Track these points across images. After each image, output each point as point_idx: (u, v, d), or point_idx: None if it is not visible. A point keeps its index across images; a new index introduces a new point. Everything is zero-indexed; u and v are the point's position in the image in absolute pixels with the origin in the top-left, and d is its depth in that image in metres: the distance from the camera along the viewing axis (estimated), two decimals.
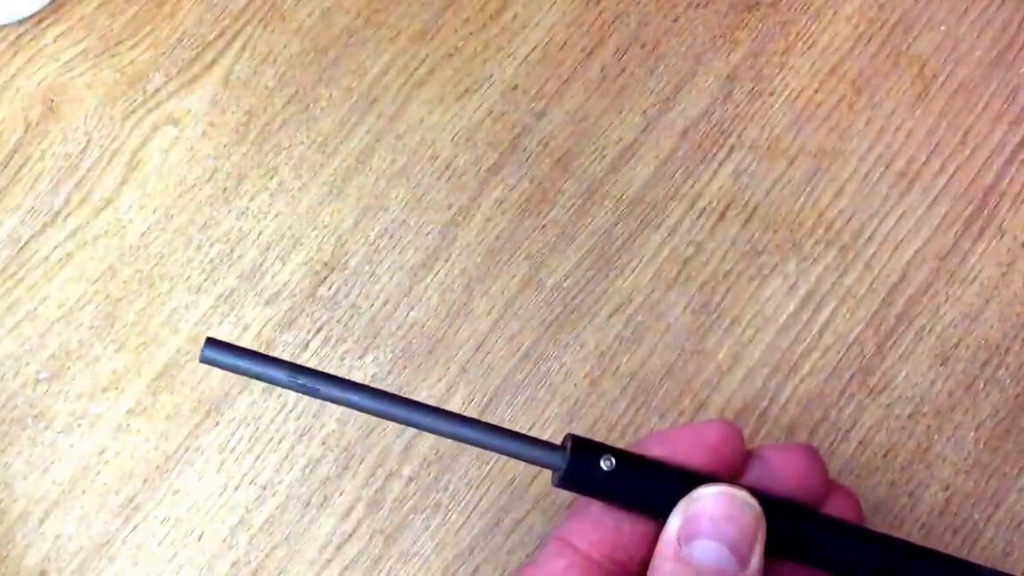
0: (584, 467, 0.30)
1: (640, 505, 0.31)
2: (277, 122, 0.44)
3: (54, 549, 0.40)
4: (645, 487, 0.30)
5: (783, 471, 0.31)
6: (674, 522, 0.29)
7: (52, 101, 0.44)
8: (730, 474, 0.31)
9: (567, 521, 0.32)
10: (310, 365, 0.41)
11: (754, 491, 0.30)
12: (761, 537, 0.29)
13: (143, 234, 0.43)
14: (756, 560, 0.29)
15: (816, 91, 0.44)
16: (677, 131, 0.44)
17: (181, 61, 0.45)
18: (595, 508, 0.31)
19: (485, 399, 0.41)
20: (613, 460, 0.30)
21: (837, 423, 0.41)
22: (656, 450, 0.31)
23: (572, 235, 0.43)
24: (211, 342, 0.29)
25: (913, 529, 0.40)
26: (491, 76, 0.44)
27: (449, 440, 0.39)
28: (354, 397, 0.29)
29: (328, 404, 0.41)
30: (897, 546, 0.32)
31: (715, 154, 0.44)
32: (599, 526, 0.31)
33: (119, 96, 0.44)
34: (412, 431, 0.41)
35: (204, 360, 0.29)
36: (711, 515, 0.29)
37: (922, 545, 0.32)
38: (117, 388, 0.41)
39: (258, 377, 0.29)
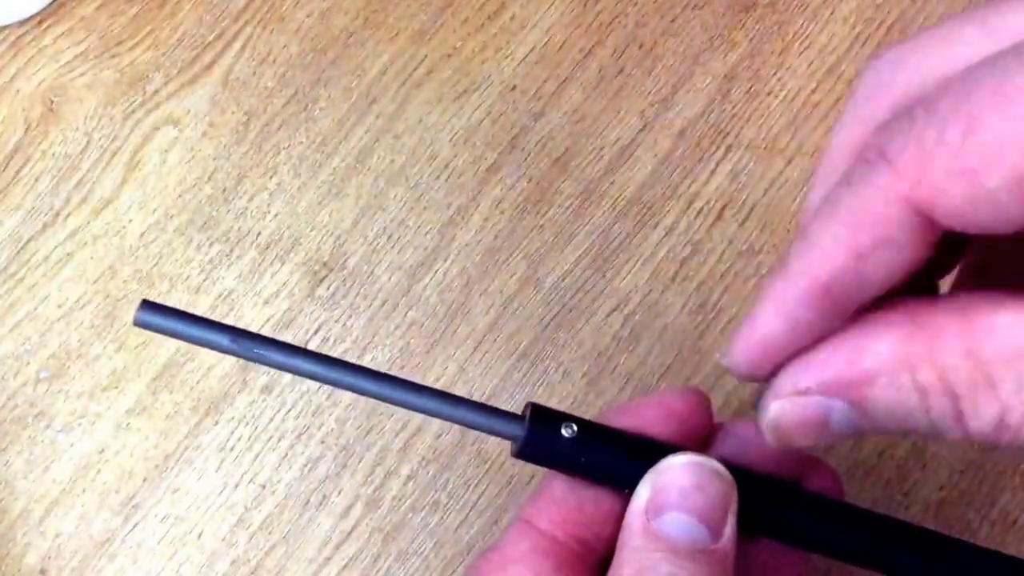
0: (544, 436, 0.29)
1: (604, 477, 0.29)
2: (276, 122, 0.44)
3: (54, 547, 0.40)
4: (609, 457, 0.29)
5: (758, 444, 0.30)
6: (642, 494, 0.28)
7: (52, 101, 0.44)
8: (698, 445, 0.30)
9: (528, 502, 0.30)
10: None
11: (728, 463, 0.28)
12: (733, 507, 0.28)
13: (143, 234, 0.43)
14: (729, 530, 0.27)
15: (813, 91, 0.44)
16: (675, 131, 0.44)
17: (181, 62, 0.45)
18: (557, 486, 0.30)
19: (483, 398, 0.41)
20: (575, 428, 0.29)
21: None
22: (620, 421, 0.30)
23: (570, 235, 0.43)
24: (146, 304, 0.27)
25: None
26: (489, 76, 0.45)
27: (442, 438, 0.40)
28: (300, 363, 0.27)
29: (327, 405, 0.41)
30: (880, 522, 0.30)
31: (712, 154, 0.44)
32: (562, 505, 0.29)
33: (119, 96, 0.44)
34: (411, 429, 0.41)
35: (138, 323, 0.27)
36: (680, 486, 0.27)
37: (906, 520, 0.31)
38: (117, 387, 0.41)
39: (199, 342, 0.27)
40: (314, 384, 0.41)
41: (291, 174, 0.43)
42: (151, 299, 0.28)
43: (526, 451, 0.29)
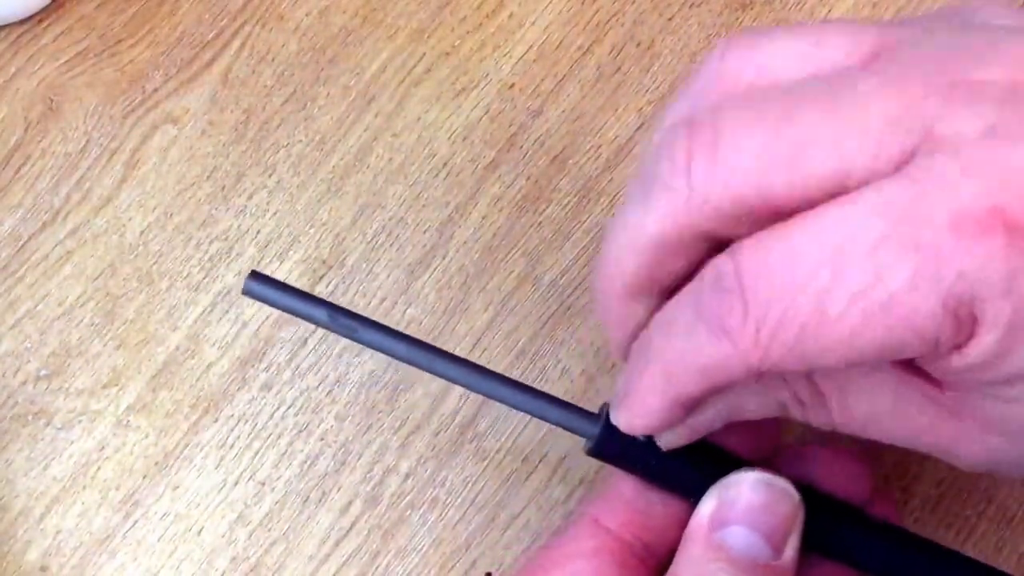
0: (618, 436, 0.29)
1: (672, 482, 0.30)
2: (275, 120, 0.44)
3: (55, 545, 0.40)
4: (679, 464, 0.29)
5: (823, 466, 0.31)
6: (707, 505, 0.28)
7: (52, 100, 0.44)
8: (765, 461, 0.31)
9: (597, 500, 0.31)
10: (309, 360, 0.41)
11: (798, 482, 0.29)
12: (798, 528, 0.28)
13: (142, 232, 0.43)
14: (790, 551, 0.28)
15: None
16: None
17: (180, 60, 0.45)
18: (628, 488, 0.30)
19: (482, 396, 0.41)
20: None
21: None
22: None
23: (568, 232, 0.43)
24: (254, 275, 0.29)
25: (907, 524, 0.40)
26: (488, 75, 0.45)
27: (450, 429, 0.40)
28: (391, 344, 0.29)
29: (326, 402, 0.41)
30: (937, 551, 0.31)
31: None
32: (630, 506, 0.30)
33: (119, 95, 0.44)
34: (410, 427, 0.41)
35: (246, 292, 0.29)
36: (747, 501, 0.28)
37: (968, 556, 0.32)
38: (117, 385, 0.41)
39: (298, 314, 0.29)
40: (313, 382, 0.41)
41: (290, 172, 0.44)
42: (258, 270, 0.30)
43: (598, 449, 0.30)
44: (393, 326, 0.34)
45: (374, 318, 0.30)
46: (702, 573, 0.27)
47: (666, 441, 0.29)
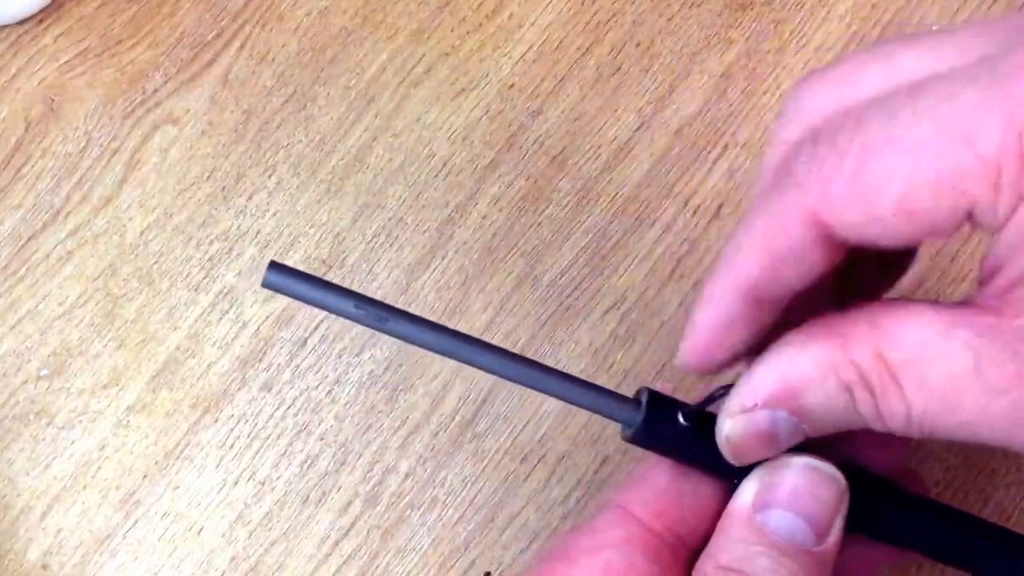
0: (660, 421, 0.29)
1: (715, 466, 0.29)
2: (275, 121, 0.44)
3: (56, 543, 0.40)
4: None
5: (862, 439, 0.30)
6: (750, 487, 0.28)
7: (52, 100, 0.44)
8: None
9: (627, 489, 0.30)
10: (309, 360, 0.41)
11: (841, 461, 0.29)
12: (843, 513, 0.28)
13: (143, 232, 0.43)
14: (834, 537, 0.28)
15: None
16: (671, 130, 0.44)
17: (180, 60, 0.45)
18: (660, 478, 0.30)
19: (481, 395, 0.41)
20: (690, 414, 0.29)
21: None
22: None
23: (567, 233, 0.43)
24: (274, 266, 0.27)
25: None
26: (487, 75, 0.45)
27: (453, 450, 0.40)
28: (421, 333, 0.28)
29: (326, 402, 0.41)
30: (973, 522, 0.31)
31: (709, 152, 0.44)
32: (663, 496, 0.30)
33: (119, 95, 0.45)
34: (409, 427, 0.41)
35: (266, 285, 0.27)
36: (793, 485, 0.28)
37: (1003, 526, 0.31)
38: (117, 385, 0.42)
39: (324, 306, 0.27)
40: (313, 382, 0.41)
41: (290, 172, 0.44)
42: (279, 260, 0.28)
43: (641, 435, 0.29)
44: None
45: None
46: (742, 555, 0.27)
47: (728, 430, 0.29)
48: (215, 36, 0.45)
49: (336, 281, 0.42)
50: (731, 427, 0.27)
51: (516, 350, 0.42)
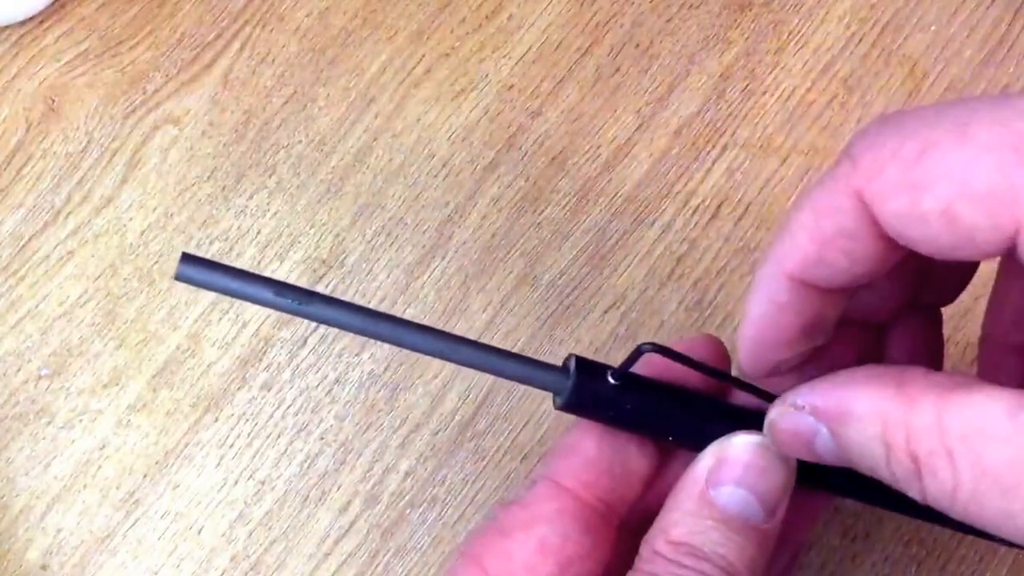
0: (591, 384, 0.29)
1: (649, 424, 0.30)
2: (276, 121, 0.44)
3: (56, 543, 0.40)
4: (654, 404, 0.29)
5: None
6: (705, 463, 0.28)
7: (53, 101, 0.45)
8: (717, 391, 0.31)
9: (555, 460, 0.30)
10: (309, 359, 0.42)
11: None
12: (789, 491, 0.28)
13: (143, 232, 0.43)
14: (781, 513, 0.28)
15: (808, 90, 0.45)
16: (671, 130, 0.44)
17: (181, 61, 0.45)
18: (588, 447, 0.30)
19: (480, 395, 0.41)
20: (619, 375, 0.29)
21: None
22: (646, 368, 0.30)
23: (567, 233, 0.43)
24: (187, 258, 0.26)
25: (903, 523, 0.40)
26: (487, 76, 0.45)
27: (446, 440, 0.40)
28: (343, 316, 0.27)
29: (326, 401, 0.41)
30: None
31: (708, 152, 0.44)
32: (592, 466, 0.30)
33: (119, 96, 0.45)
34: (410, 425, 0.41)
35: (179, 278, 0.26)
36: (747, 463, 0.28)
37: None
38: (118, 384, 0.42)
39: (241, 296, 0.26)
40: (313, 381, 0.41)
41: (290, 172, 0.44)
42: (190, 251, 0.27)
43: (574, 400, 0.29)
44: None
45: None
46: (695, 529, 0.27)
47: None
48: (215, 37, 0.45)
49: (336, 281, 0.43)
50: (777, 414, 0.27)
51: (516, 350, 0.42)
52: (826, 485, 0.31)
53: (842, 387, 0.26)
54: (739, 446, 0.28)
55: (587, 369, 0.29)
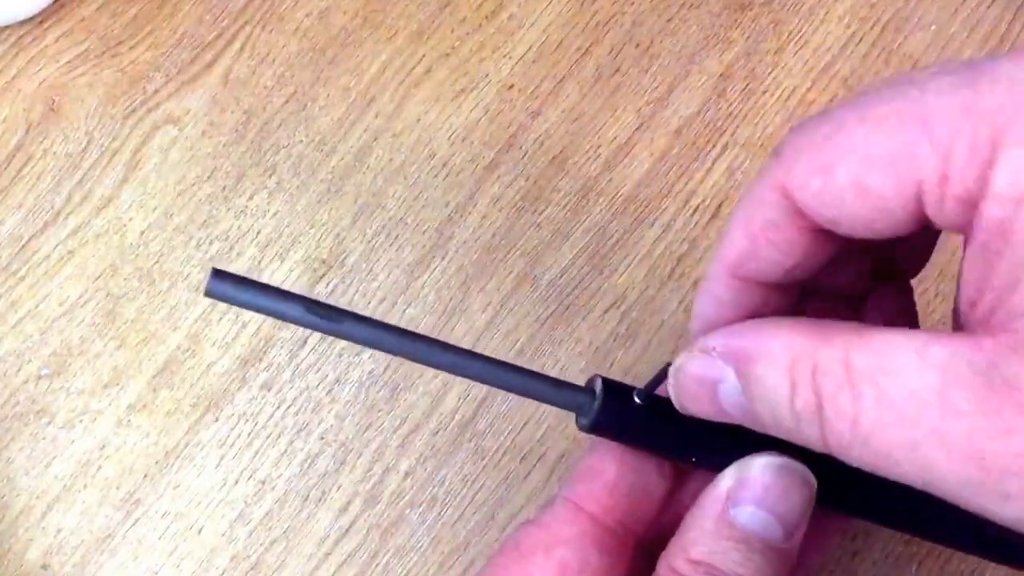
0: (617, 407, 0.29)
1: (674, 447, 0.30)
2: (276, 121, 0.44)
3: (56, 543, 0.40)
4: (676, 428, 0.29)
5: None
6: (726, 483, 0.28)
7: (53, 101, 0.45)
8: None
9: (576, 483, 0.30)
10: (309, 359, 0.42)
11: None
12: (809, 513, 0.28)
13: (143, 232, 0.43)
14: (800, 534, 0.28)
15: (808, 90, 0.45)
16: (671, 130, 0.44)
17: (181, 61, 0.45)
18: (608, 470, 0.30)
19: (480, 395, 0.41)
20: (645, 397, 0.29)
21: None
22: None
23: (567, 232, 0.43)
24: (217, 273, 0.26)
25: None
26: (487, 75, 0.45)
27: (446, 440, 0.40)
28: (372, 334, 0.27)
29: (326, 401, 0.41)
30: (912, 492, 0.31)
31: (709, 152, 0.44)
32: (612, 490, 0.30)
33: (120, 96, 0.45)
34: (409, 425, 0.41)
35: (209, 294, 0.26)
36: (767, 484, 0.28)
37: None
38: (118, 384, 0.42)
39: (271, 313, 0.26)
40: (313, 381, 0.41)
41: (290, 172, 0.44)
42: (220, 267, 0.27)
43: (600, 421, 0.29)
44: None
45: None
46: (713, 549, 0.27)
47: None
48: (215, 37, 0.45)
49: (336, 281, 0.42)
50: (685, 359, 0.28)
51: (516, 350, 0.42)
52: (845, 506, 0.31)
53: (756, 328, 0.26)
54: (760, 467, 0.28)
55: (613, 391, 0.29)
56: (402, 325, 0.42)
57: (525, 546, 0.29)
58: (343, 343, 0.42)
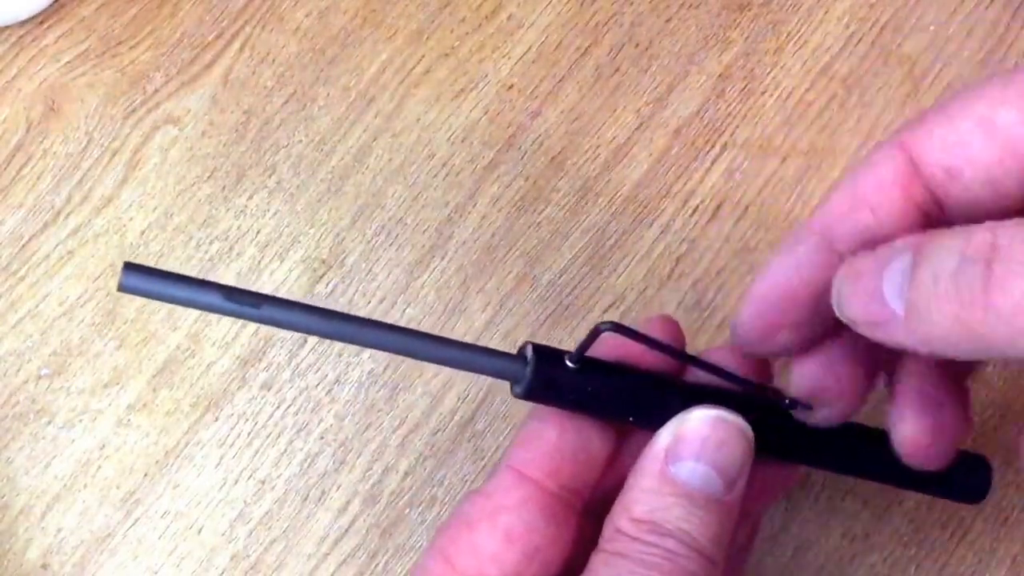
0: (550, 370, 0.29)
1: (611, 407, 0.30)
2: (275, 121, 0.44)
3: (56, 543, 0.40)
4: (614, 386, 0.29)
5: (727, 368, 0.31)
6: (663, 440, 0.28)
7: (53, 101, 0.45)
8: (672, 370, 0.31)
9: (517, 450, 0.30)
10: (308, 359, 0.42)
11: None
12: (749, 463, 0.28)
13: (143, 232, 0.43)
14: (741, 486, 0.28)
15: (807, 90, 0.45)
16: (670, 130, 0.44)
17: (181, 61, 0.45)
18: (549, 435, 0.30)
19: (480, 395, 0.41)
20: (578, 359, 0.29)
21: None
22: (602, 349, 0.30)
23: (566, 233, 0.43)
24: (130, 267, 0.25)
25: (902, 524, 0.41)
26: (487, 75, 0.45)
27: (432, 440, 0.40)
28: (296, 317, 0.26)
29: (325, 401, 0.41)
30: (845, 432, 0.32)
31: (708, 152, 0.44)
32: (554, 454, 0.30)
33: (120, 96, 0.45)
34: (409, 425, 0.41)
35: (123, 288, 0.25)
36: (704, 437, 0.28)
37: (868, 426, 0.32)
38: (118, 384, 0.42)
39: (190, 303, 0.26)
40: (313, 380, 0.42)
41: (290, 172, 0.44)
42: (132, 261, 0.26)
43: (534, 387, 0.29)
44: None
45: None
46: (656, 506, 0.27)
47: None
48: (215, 37, 0.45)
49: (336, 281, 0.43)
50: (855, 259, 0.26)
51: (516, 349, 0.42)
52: (784, 454, 0.31)
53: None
54: (696, 421, 0.28)
55: (545, 355, 0.29)
56: (401, 325, 0.42)
57: (471, 516, 0.29)
58: (342, 343, 0.42)
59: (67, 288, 0.43)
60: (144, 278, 0.25)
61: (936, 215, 0.27)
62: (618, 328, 0.28)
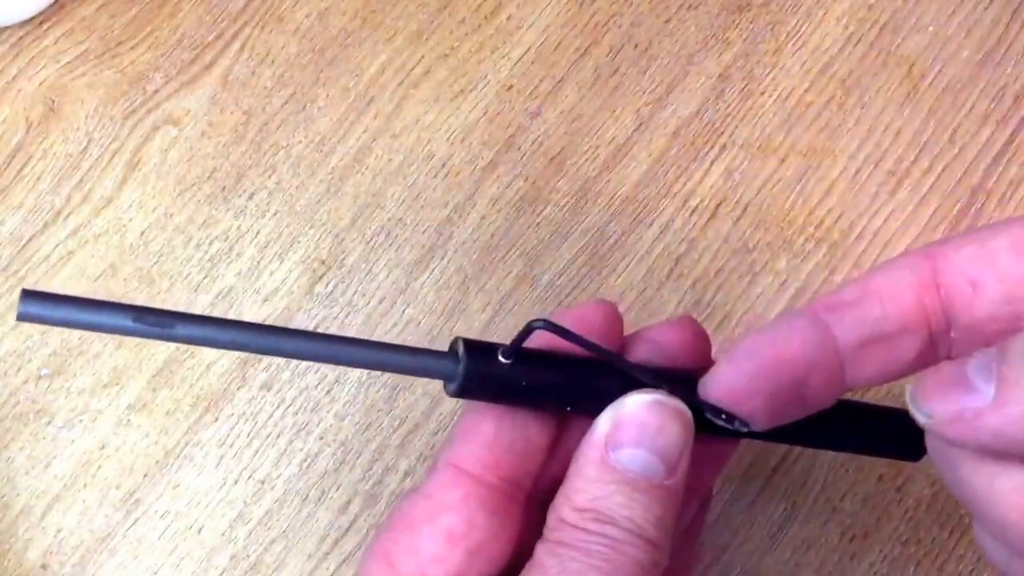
0: (483, 366, 0.28)
1: (547, 399, 0.29)
2: (275, 122, 0.44)
3: (55, 543, 0.40)
4: (549, 377, 0.29)
5: (670, 347, 0.31)
6: (601, 427, 0.28)
7: (53, 101, 0.45)
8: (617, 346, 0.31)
9: (454, 445, 0.29)
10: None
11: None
12: (689, 444, 0.28)
13: (143, 232, 0.43)
14: (683, 467, 0.28)
15: (806, 91, 0.45)
16: (669, 130, 0.44)
17: (180, 62, 0.45)
18: (485, 429, 0.29)
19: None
20: (511, 353, 0.28)
21: None
22: (539, 340, 0.29)
23: (566, 233, 0.43)
24: (28, 294, 0.24)
25: (901, 523, 0.41)
26: (486, 76, 0.45)
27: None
28: (213, 333, 0.26)
29: (325, 401, 0.41)
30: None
31: (707, 153, 0.44)
32: (493, 447, 0.29)
33: (119, 96, 0.45)
34: (409, 425, 0.41)
35: (22, 317, 0.24)
36: (641, 422, 0.28)
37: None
38: (118, 384, 0.42)
39: (98, 328, 0.24)
40: (313, 381, 0.42)
41: (290, 173, 0.44)
42: (30, 287, 0.25)
43: (467, 383, 0.28)
44: (390, 326, 0.34)
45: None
46: (598, 494, 0.27)
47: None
48: (215, 37, 0.45)
49: (336, 281, 0.43)
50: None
51: None
52: (723, 430, 0.30)
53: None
54: (633, 406, 0.28)
55: (477, 350, 0.28)
56: (400, 325, 0.42)
57: (412, 517, 0.29)
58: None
59: (67, 288, 0.43)
60: (44, 305, 0.24)
61: (941, 329, 0.27)
62: (549, 326, 0.28)
